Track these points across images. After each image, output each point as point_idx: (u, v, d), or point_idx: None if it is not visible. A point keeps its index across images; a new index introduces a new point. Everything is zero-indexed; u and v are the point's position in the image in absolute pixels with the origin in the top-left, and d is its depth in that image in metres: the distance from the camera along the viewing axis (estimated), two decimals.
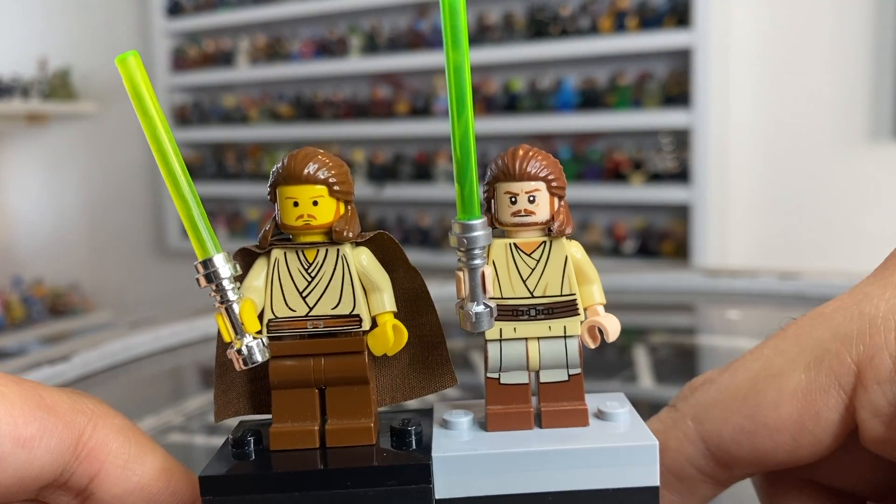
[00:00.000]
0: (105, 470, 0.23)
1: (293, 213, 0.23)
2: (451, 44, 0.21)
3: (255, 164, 2.52)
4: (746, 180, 1.86)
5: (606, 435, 0.23)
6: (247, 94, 2.57)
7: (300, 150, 0.24)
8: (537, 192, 0.24)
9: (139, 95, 0.21)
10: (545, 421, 0.24)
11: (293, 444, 0.23)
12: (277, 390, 0.24)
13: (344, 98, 2.37)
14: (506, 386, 0.25)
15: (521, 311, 0.24)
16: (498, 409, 0.24)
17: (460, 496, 0.23)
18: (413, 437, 0.24)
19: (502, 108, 2.07)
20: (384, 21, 2.29)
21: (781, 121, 1.82)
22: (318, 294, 0.24)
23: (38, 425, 0.21)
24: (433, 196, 2.19)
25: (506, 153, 0.25)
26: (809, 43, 1.77)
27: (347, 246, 0.24)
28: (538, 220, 0.24)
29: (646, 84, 1.90)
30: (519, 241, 0.25)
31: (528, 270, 0.25)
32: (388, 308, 0.24)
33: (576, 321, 0.25)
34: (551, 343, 0.25)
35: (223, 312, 0.23)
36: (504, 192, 0.24)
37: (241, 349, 0.22)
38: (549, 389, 0.25)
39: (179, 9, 2.59)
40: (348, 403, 0.24)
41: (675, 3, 1.83)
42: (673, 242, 1.91)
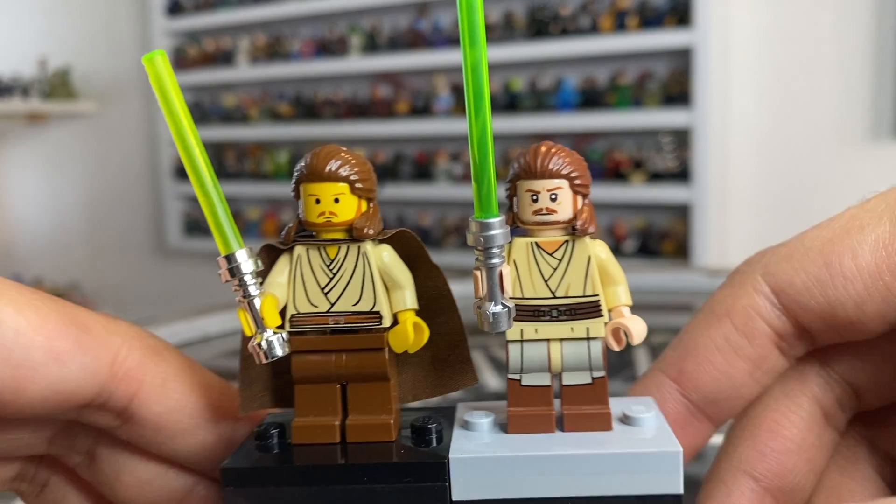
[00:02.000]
0: (144, 389, 0.23)
1: (315, 210, 0.24)
2: (468, 42, 0.21)
3: (256, 163, 2.52)
4: (747, 180, 1.86)
5: (629, 440, 0.23)
6: (247, 93, 2.57)
7: (323, 148, 0.24)
8: (559, 189, 0.24)
9: (165, 94, 0.22)
10: (567, 424, 0.24)
11: (315, 439, 0.24)
12: (300, 385, 0.24)
13: (344, 98, 2.37)
14: (527, 387, 0.24)
15: (542, 312, 0.24)
16: (519, 411, 0.24)
17: (477, 498, 0.22)
18: (433, 435, 0.24)
19: (502, 108, 2.07)
20: (384, 21, 2.29)
21: (782, 120, 1.82)
22: (340, 290, 0.24)
23: (72, 341, 0.21)
24: (433, 196, 2.19)
25: (528, 150, 0.24)
26: (810, 43, 1.77)
27: (368, 243, 0.24)
28: (560, 218, 0.24)
29: (646, 84, 1.90)
30: (541, 240, 0.24)
31: (550, 270, 0.24)
32: (409, 305, 0.24)
33: (599, 323, 0.24)
34: (574, 345, 0.24)
35: (245, 307, 0.23)
36: (525, 189, 0.24)
37: (261, 343, 0.23)
38: (572, 392, 0.24)
39: (179, 8, 2.59)
40: (369, 399, 0.24)
41: (676, 3, 1.83)
42: (673, 242, 1.91)
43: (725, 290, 0.27)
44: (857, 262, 0.24)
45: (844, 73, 1.75)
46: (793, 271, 0.25)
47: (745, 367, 0.26)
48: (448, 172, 2.17)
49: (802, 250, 0.26)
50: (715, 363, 0.26)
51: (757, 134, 1.85)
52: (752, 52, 1.83)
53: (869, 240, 0.25)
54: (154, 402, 0.23)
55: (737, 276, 0.27)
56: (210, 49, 2.56)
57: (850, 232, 0.25)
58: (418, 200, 2.25)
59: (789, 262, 0.26)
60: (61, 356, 0.21)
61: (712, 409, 0.27)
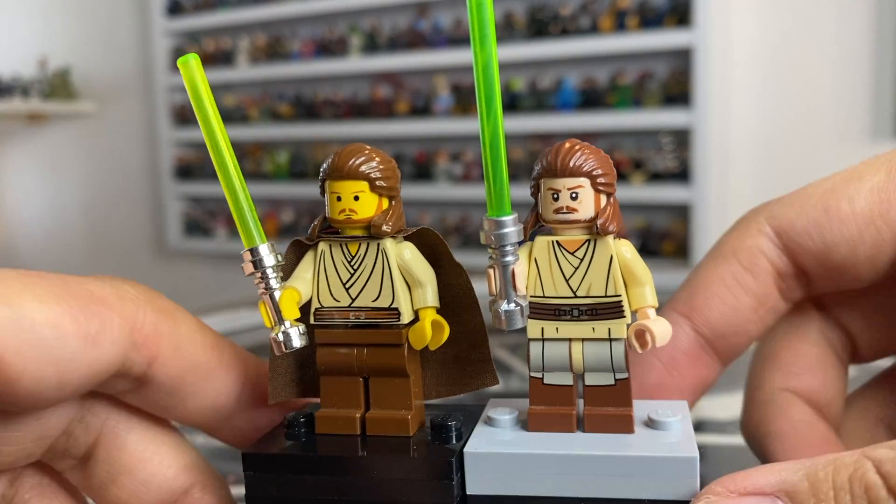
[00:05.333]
0: (161, 353, 0.23)
1: (336, 206, 0.24)
2: (478, 42, 0.21)
3: (255, 163, 2.52)
4: (746, 180, 1.86)
5: (648, 444, 0.23)
6: (247, 93, 2.57)
7: (348, 146, 0.25)
8: (580, 188, 0.23)
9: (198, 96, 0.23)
10: (588, 425, 0.24)
11: (336, 429, 0.25)
12: (325, 377, 0.25)
13: (344, 98, 2.37)
14: (549, 386, 0.24)
15: (563, 311, 0.24)
16: (540, 410, 0.24)
17: (490, 493, 0.22)
18: (452, 433, 0.24)
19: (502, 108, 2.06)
20: (384, 21, 2.29)
21: (782, 120, 1.82)
22: (360, 286, 0.25)
23: (99, 320, 0.21)
24: (433, 196, 2.19)
25: (552, 148, 0.24)
26: (810, 43, 1.77)
27: (388, 240, 0.25)
28: (581, 217, 0.23)
29: (646, 84, 1.90)
30: (562, 238, 0.24)
31: (571, 269, 0.24)
32: (430, 303, 0.25)
33: (621, 324, 0.24)
34: (595, 345, 0.24)
35: (266, 300, 0.24)
36: (547, 188, 0.24)
37: (279, 335, 0.23)
38: (595, 393, 0.24)
39: (179, 8, 2.59)
40: (390, 394, 0.25)
41: (676, 3, 1.83)
42: (673, 242, 1.91)
43: (732, 233, 0.29)
44: (853, 206, 0.26)
45: (844, 73, 1.75)
46: (794, 215, 0.27)
47: (750, 302, 0.28)
48: (448, 172, 2.17)
49: (805, 197, 0.28)
50: (723, 298, 0.28)
51: (757, 134, 1.85)
52: (752, 52, 1.82)
53: (865, 187, 0.26)
54: (170, 366, 0.23)
55: (743, 221, 0.29)
56: (210, 49, 2.56)
57: (849, 181, 0.27)
58: (418, 200, 2.25)
59: (791, 207, 0.28)
60: (94, 339, 0.21)
61: (721, 343, 0.28)
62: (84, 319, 0.21)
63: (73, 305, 0.21)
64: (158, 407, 0.24)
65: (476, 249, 2.15)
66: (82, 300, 0.21)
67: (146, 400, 0.24)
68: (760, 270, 0.28)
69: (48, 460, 0.25)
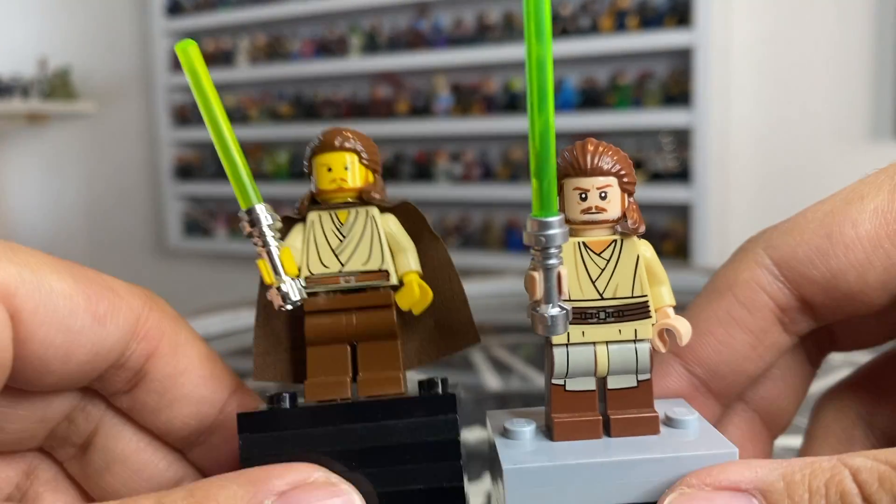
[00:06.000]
0: (159, 350, 0.24)
1: (327, 177, 0.25)
2: (534, 36, 0.20)
3: (255, 163, 2.52)
4: (747, 180, 1.86)
5: (681, 443, 0.22)
6: (247, 93, 2.57)
7: (332, 128, 0.26)
8: (609, 187, 0.23)
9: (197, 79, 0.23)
10: (614, 429, 0.23)
11: (327, 395, 0.25)
12: (313, 347, 0.25)
13: (344, 98, 2.37)
14: (572, 393, 0.23)
15: (589, 314, 0.23)
16: (565, 418, 0.23)
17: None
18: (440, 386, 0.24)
19: (502, 108, 2.07)
20: (384, 21, 2.29)
21: (782, 120, 1.82)
22: (350, 251, 0.26)
23: (108, 303, 0.22)
24: (433, 196, 2.19)
25: (574, 147, 0.23)
26: (810, 43, 1.77)
27: (376, 209, 0.26)
28: (609, 217, 0.23)
29: (646, 84, 1.90)
30: (588, 239, 0.23)
31: (598, 271, 0.23)
32: (413, 267, 0.26)
33: (647, 324, 0.23)
34: (621, 347, 0.23)
35: (265, 256, 0.24)
36: (573, 188, 0.23)
37: (280, 287, 0.24)
38: (618, 396, 0.23)
39: (179, 8, 2.59)
40: (378, 357, 0.25)
41: (676, 3, 1.83)
42: (673, 242, 1.91)
43: (728, 266, 0.27)
44: (858, 230, 0.25)
45: (844, 73, 1.75)
46: (794, 243, 0.26)
47: (746, 339, 0.26)
48: (448, 172, 2.17)
49: (804, 223, 0.26)
50: (716, 335, 0.26)
51: (757, 134, 1.85)
52: (752, 52, 1.82)
53: (868, 208, 0.25)
54: (166, 364, 0.24)
55: (739, 252, 0.27)
56: (210, 49, 2.56)
57: (850, 202, 0.25)
58: (418, 200, 2.23)
59: (791, 234, 0.26)
60: (102, 319, 0.22)
61: (716, 383, 0.27)
62: (95, 299, 0.22)
63: (87, 285, 0.22)
64: (146, 411, 0.25)
65: (476, 249, 2.15)
66: (95, 283, 0.22)
67: (136, 401, 0.24)
68: (758, 306, 0.26)
69: (50, 448, 0.25)
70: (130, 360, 0.23)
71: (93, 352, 0.22)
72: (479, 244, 2.17)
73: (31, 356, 0.21)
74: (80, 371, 0.22)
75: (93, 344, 0.22)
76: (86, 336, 0.22)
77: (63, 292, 0.21)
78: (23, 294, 0.20)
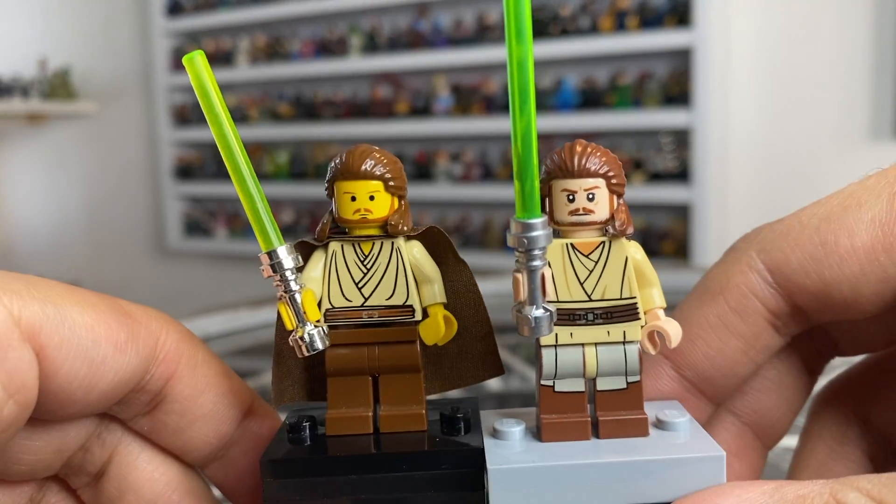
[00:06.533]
0: (179, 372, 0.24)
1: (350, 206, 0.24)
2: (514, 37, 0.20)
3: (255, 163, 2.52)
4: (747, 180, 1.86)
5: (670, 446, 0.22)
6: (247, 93, 2.57)
7: (357, 147, 0.24)
8: (597, 189, 0.23)
9: (206, 94, 0.22)
10: (603, 431, 0.23)
11: (348, 430, 0.24)
12: (333, 378, 0.25)
13: (344, 98, 2.37)
14: (561, 394, 0.23)
15: (578, 316, 0.23)
16: (553, 419, 0.23)
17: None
18: (462, 424, 0.24)
19: (502, 108, 2.07)
20: (384, 21, 2.29)
21: (781, 120, 1.82)
22: (374, 285, 0.25)
23: (127, 331, 0.22)
24: (433, 196, 2.19)
25: (562, 148, 0.23)
26: (809, 43, 1.77)
27: (401, 239, 0.25)
28: (597, 219, 0.23)
29: (646, 84, 1.90)
30: (576, 241, 0.23)
31: (586, 272, 0.23)
32: (438, 299, 0.25)
33: (636, 326, 0.23)
34: (610, 349, 0.23)
35: (286, 301, 0.23)
36: (561, 189, 0.23)
37: (303, 336, 0.23)
38: (607, 398, 0.23)
39: (179, 8, 2.59)
40: (401, 391, 0.25)
41: (676, 3, 1.83)
42: (673, 242, 1.91)
43: (720, 267, 0.27)
44: (853, 241, 0.24)
45: (844, 73, 1.75)
46: (788, 249, 0.25)
47: (738, 345, 0.26)
48: (448, 172, 2.17)
49: (799, 227, 0.25)
50: (708, 341, 0.26)
51: (757, 134, 1.85)
52: (752, 52, 1.83)
53: (866, 218, 0.24)
54: (185, 384, 0.24)
55: (732, 253, 0.27)
56: (210, 49, 2.56)
57: (847, 210, 0.25)
58: (418, 200, 2.25)
59: (785, 239, 0.25)
60: (122, 346, 0.22)
61: (707, 386, 0.27)
62: (115, 328, 0.22)
63: (107, 314, 0.22)
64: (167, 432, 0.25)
65: (476, 250, 2.15)
66: (114, 311, 0.22)
67: (156, 423, 0.24)
68: (750, 311, 0.26)
69: (65, 476, 0.25)
70: (150, 384, 0.23)
71: (115, 380, 0.22)
72: (479, 244, 2.17)
73: (55, 390, 0.21)
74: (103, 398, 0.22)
75: (115, 373, 0.22)
76: (108, 366, 0.22)
77: (85, 325, 0.21)
78: (48, 331, 0.20)
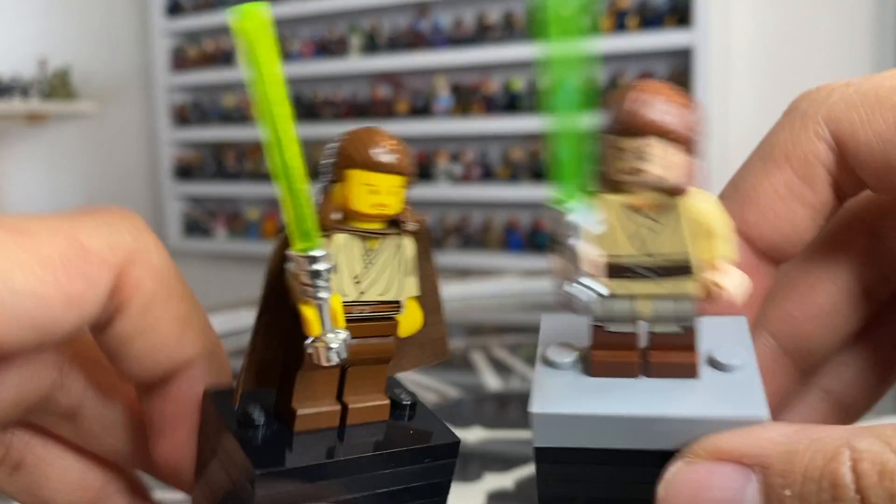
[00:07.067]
0: (128, 308, 0.21)
1: (369, 199, 0.22)
2: None
3: (255, 163, 2.52)
4: None
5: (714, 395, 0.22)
6: (247, 93, 2.56)
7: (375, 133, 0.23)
8: (649, 147, 0.22)
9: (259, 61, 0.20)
10: (653, 372, 0.23)
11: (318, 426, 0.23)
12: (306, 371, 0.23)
13: (344, 98, 2.37)
14: (612, 333, 0.23)
15: (631, 270, 0.23)
16: (603, 356, 0.23)
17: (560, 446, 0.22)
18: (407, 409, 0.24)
19: (502, 108, 2.07)
20: (384, 21, 2.29)
21: None
22: (372, 281, 0.24)
23: (84, 282, 0.20)
24: (433, 196, 2.19)
25: (620, 95, 0.22)
26: (810, 43, 1.77)
27: (407, 238, 0.24)
28: (650, 179, 0.22)
29: None
30: (631, 198, 0.22)
31: (641, 228, 0.22)
32: (415, 293, 0.24)
33: (691, 281, 0.22)
34: (664, 302, 0.23)
35: (312, 304, 0.21)
36: (612, 145, 0.22)
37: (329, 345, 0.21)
38: (660, 339, 0.23)
39: (179, 8, 2.59)
40: (366, 381, 0.24)
41: (676, 3, 1.83)
42: None
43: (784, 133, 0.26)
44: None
45: (844, 73, 1.74)
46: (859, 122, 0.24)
47: (807, 213, 0.25)
48: (448, 172, 2.17)
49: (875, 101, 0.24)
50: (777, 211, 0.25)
51: (757, 134, 1.83)
52: (752, 52, 1.83)
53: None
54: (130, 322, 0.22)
55: (797, 117, 0.26)
56: (210, 49, 2.56)
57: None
58: (418, 200, 2.24)
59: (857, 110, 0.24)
60: (77, 301, 0.20)
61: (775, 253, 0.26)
62: (67, 282, 0.20)
63: (58, 268, 0.20)
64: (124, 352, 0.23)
65: (476, 249, 2.15)
66: (69, 259, 0.20)
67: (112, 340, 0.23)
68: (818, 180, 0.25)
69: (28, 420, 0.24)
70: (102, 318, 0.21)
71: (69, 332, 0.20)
72: (479, 244, 2.17)
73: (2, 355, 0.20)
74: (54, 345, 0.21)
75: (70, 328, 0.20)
76: (60, 323, 0.20)
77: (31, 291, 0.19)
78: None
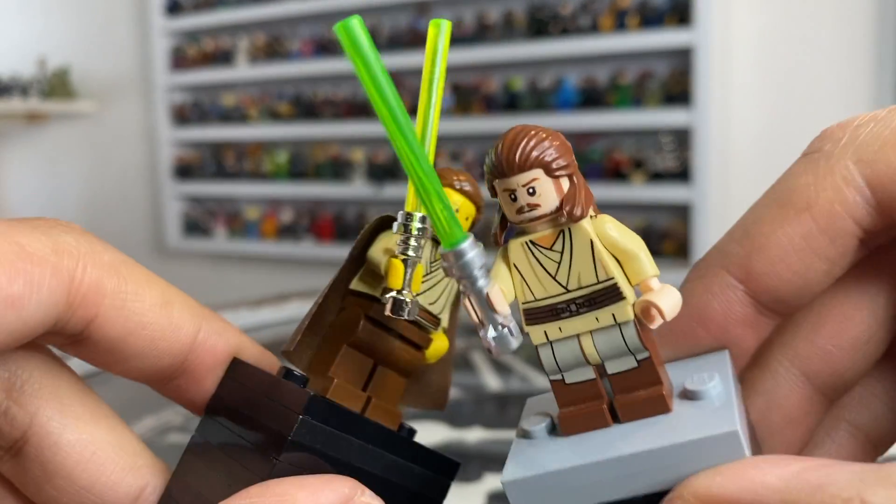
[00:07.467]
0: (102, 313, 0.21)
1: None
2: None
3: (255, 163, 2.52)
4: (747, 180, 1.86)
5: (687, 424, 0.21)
6: (246, 93, 2.56)
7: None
8: (535, 181, 0.21)
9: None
10: (622, 415, 0.22)
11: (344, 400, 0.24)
12: (351, 348, 0.24)
13: (344, 97, 2.37)
14: (572, 385, 0.22)
15: (560, 309, 0.22)
16: (570, 412, 0.22)
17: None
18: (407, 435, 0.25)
19: (502, 108, 2.07)
20: (384, 20, 2.29)
21: (782, 120, 1.82)
22: (427, 287, 0.25)
23: (24, 280, 0.19)
24: None
25: (497, 143, 0.22)
26: (810, 42, 1.77)
27: None
28: (546, 211, 0.21)
29: (646, 83, 1.90)
30: (535, 236, 0.22)
31: (555, 265, 0.22)
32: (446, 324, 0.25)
33: (624, 306, 0.22)
34: (605, 334, 0.22)
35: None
36: (502, 189, 0.22)
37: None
38: (620, 380, 0.22)
39: (179, 8, 2.59)
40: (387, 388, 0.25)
41: (676, 2, 1.83)
42: (674, 242, 1.91)
43: (805, 177, 0.22)
44: None
45: (845, 72, 1.75)
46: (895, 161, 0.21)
47: (822, 267, 0.22)
48: None
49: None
50: (790, 265, 0.23)
51: (757, 133, 1.85)
52: (752, 52, 1.82)
53: None
54: (112, 327, 0.21)
55: (820, 160, 0.22)
56: (209, 49, 2.56)
57: None
58: None
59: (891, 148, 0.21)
60: (17, 302, 0.19)
61: (780, 307, 0.24)
62: (5, 281, 0.19)
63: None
64: (99, 363, 0.22)
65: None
66: (8, 257, 0.19)
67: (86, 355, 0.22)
68: (843, 233, 0.22)
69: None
70: (66, 328, 0.21)
71: (10, 339, 0.19)
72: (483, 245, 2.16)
73: None
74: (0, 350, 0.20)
75: (9, 332, 0.19)
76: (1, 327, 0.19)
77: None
78: None
